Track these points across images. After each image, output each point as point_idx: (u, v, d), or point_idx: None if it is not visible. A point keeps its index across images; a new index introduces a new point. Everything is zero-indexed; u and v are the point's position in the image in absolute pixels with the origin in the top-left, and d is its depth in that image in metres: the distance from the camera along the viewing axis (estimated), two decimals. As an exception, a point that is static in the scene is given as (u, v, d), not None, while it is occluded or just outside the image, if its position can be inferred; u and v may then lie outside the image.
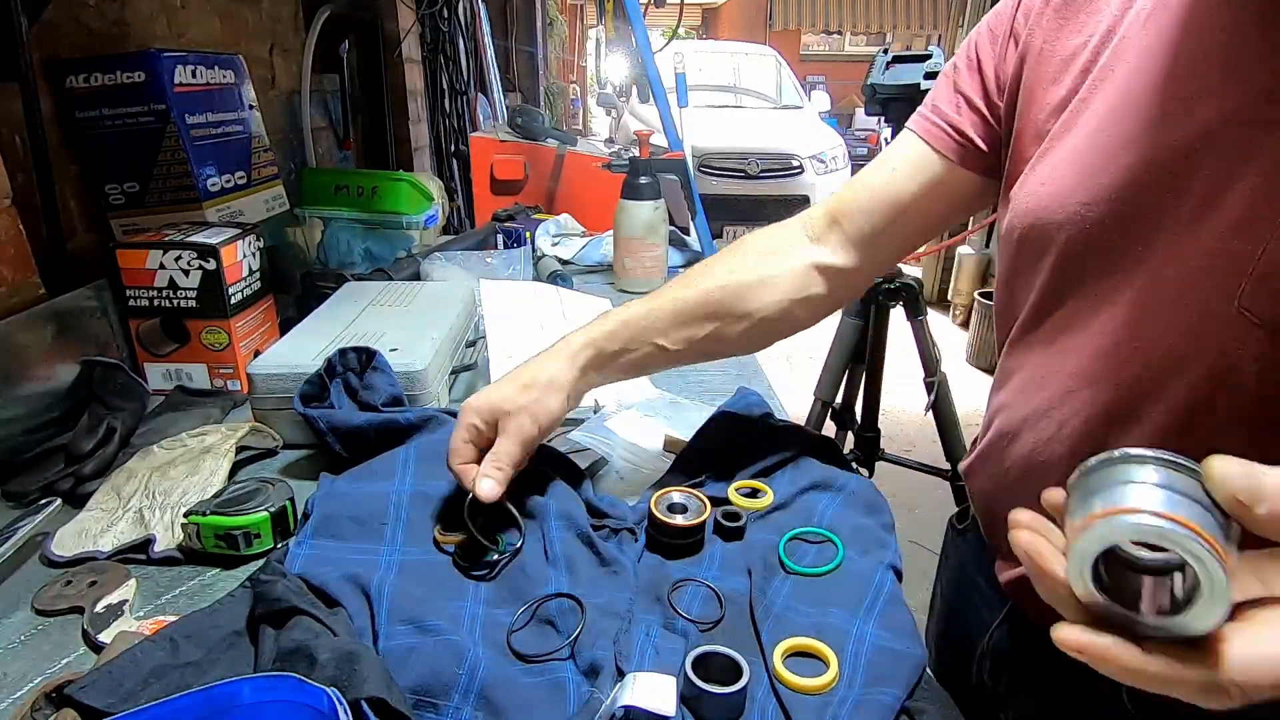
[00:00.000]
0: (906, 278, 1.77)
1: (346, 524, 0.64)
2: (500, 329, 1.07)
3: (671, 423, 0.88)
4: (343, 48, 1.98)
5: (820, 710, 0.50)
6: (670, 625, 0.57)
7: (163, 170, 1.10)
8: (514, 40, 4.28)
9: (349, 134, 2.03)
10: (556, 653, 0.54)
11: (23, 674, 0.55)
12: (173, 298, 0.96)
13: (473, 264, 1.39)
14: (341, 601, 0.55)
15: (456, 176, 2.62)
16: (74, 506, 0.73)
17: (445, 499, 0.68)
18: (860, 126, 10.46)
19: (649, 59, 1.80)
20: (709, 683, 0.49)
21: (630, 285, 1.45)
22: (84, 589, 0.61)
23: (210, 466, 0.76)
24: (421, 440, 0.74)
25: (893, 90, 1.57)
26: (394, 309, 1.04)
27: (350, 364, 0.82)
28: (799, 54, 13.47)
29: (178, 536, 0.67)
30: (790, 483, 0.73)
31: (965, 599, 0.76)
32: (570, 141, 1.99)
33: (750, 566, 0.62)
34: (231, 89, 1.24)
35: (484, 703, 0.48)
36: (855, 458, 1.93)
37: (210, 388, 1.00)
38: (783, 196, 5.38)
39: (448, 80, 2.58)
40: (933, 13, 12.84)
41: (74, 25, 1.07)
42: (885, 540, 0.66)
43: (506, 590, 0.60)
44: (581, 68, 11.47)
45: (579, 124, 10.05)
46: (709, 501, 0.68)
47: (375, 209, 1.61)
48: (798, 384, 3.24)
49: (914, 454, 2.30)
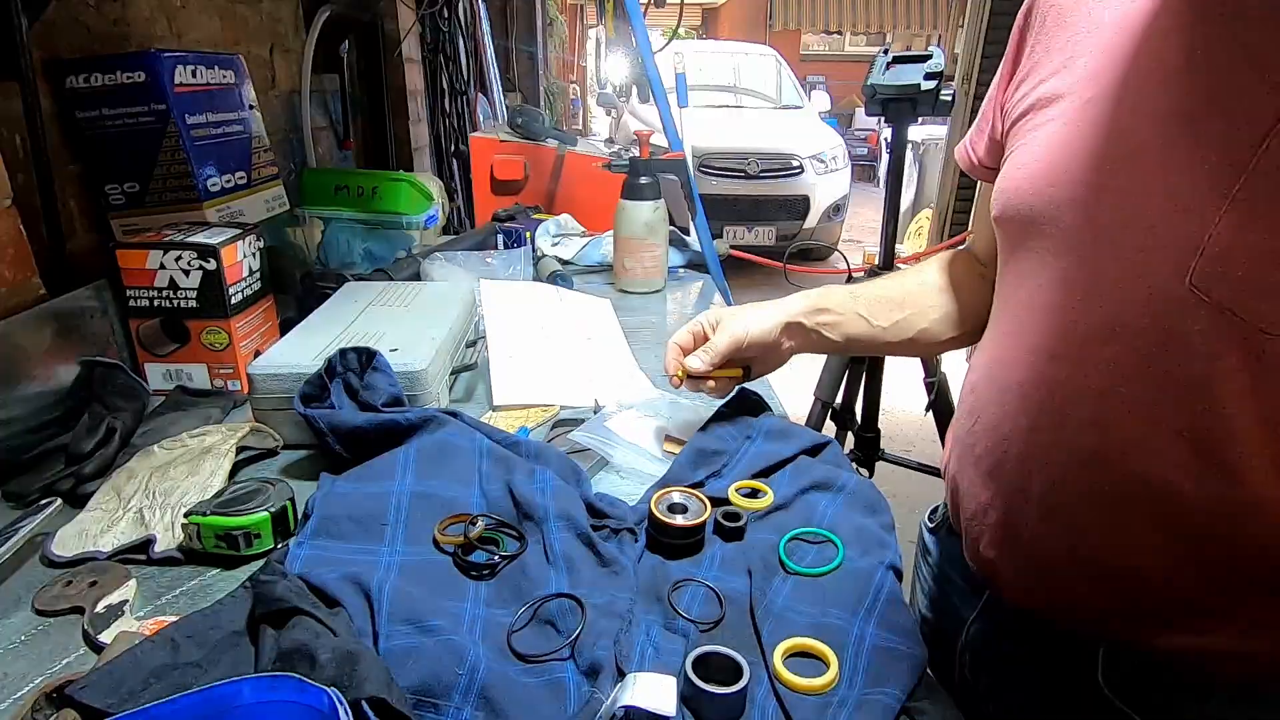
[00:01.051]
0: (906, 278, 1.77)
1: (347, 524, 0.64)
2: (500, 329, 1.07)
3: (671, 423, 0.88)
4: (343, 48, 1.98)
5: (820, 710, 0.50)
6: (670, 625, 0.57)
7: (163, 170, 1.10)
8: (514, 40, 4.28)
9: (349, 134, 2.03)
10: (556, 653, 0.54)
11: (23, 674, 0.54)
12: (173, 298, 0.96)
13: (473, 264, 1.39)
14: (342, 602, 0.55)
15: (456, 176, 2.62)
16: (74, 507, 0.73)
17: (446, 499, 0.68)
18: (860, 126, 10.46)
19: (649, 59, 1.80)
20: (709, 683, 0.49)
21: (630, 285, 1.45)
22: (84, 589, 0.61)
23: (210, 467, 0.76)
24: (421, 440, 0.74)
25: (893, 91, 1.56)
26: (394, 309, 1.04)
27: (350, 364, 0.82)
28: (799, 54, 13.47)
29: (178, 537, 0.67)
30: (790, 483, 0.73)
31: (944, 597, 0.77)
32: (570, 141, 1.99)
33: (750, 566, 0.62)
34: (231, 89, 1.24)
35: (484, 703, 0.48)
36: (855, 458, 1.93)
37: (210, 388, 1.00)
38: (783, 197, 5.38)
39: (448, 80, 2.58)
40: (933, 13, 12.84)
41: (74, 25, 1.07)
42: (885, 540, 0.66)
43: (506, 590, 0.60)
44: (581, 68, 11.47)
45: (579, 124, 10.04)
46: (709, 501, 0.68)
47: (375, 209, 1.61)
48: (798, 384, 3.24)
49: (914, 454, 2.30)
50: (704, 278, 1.62)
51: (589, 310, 1.25)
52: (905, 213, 5.42)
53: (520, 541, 0.65)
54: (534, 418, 0.89)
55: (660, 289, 1.49)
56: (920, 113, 1.59)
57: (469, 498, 0.69)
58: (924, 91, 1.54)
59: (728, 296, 1.53)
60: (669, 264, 1.54)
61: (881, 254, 1.87)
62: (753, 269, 3.49)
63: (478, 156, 1.95)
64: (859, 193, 7.17)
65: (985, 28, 4.05)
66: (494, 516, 0.67)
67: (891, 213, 1.82)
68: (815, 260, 5.75)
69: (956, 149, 0.76)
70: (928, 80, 1.54)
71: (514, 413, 0.91)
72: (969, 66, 4.17)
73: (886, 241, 1.85)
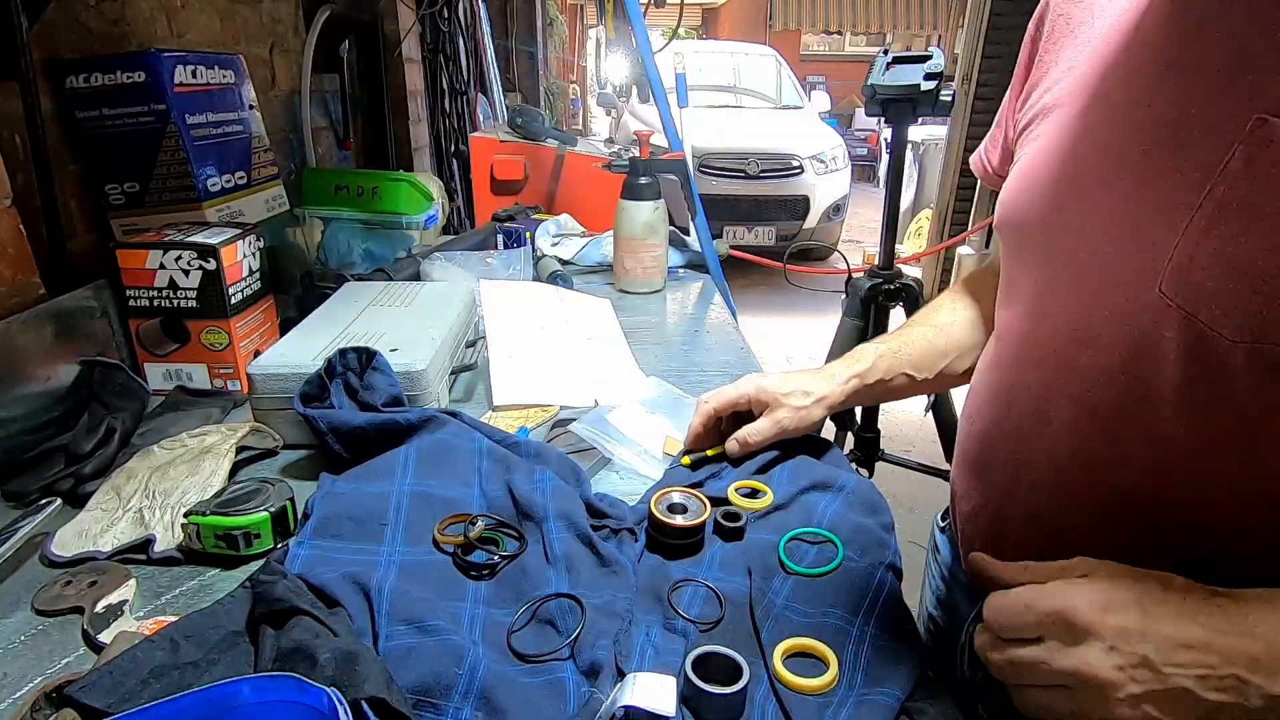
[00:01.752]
0: (906, 278, 1.77)
1: (346, 524, 0.64)
2: (500, 329, 1.07)
3: (674, 420, 0.88)
4: (343, 48, 1.98)
5: (820, 710, 0.50)
6: (670, 625, 0.57)
7: (163, 170, 1.10)
8: (514, 40, 4.28)
9: (349, 134, 2.03)
10: (556, 653, 0.54)
11: (23, 674, 0.55)
12: (173, 298, 0.96)
13: (473, 264, 1.39)
14: (341, 601, 0.55)
15: (456, 176, 2.62)
16: (74, 506, 0.73)
17: (445, 499, 0.68)
18: (860, 127, 10.46)
19: (649, 59, 1.80)
20: (709, 683, 0.49)
21: (630, 285, 1.45)
22: (84, 589, 0.61)
23: (210, 466, 0.76)
24: (421, 440, 0.74)
25: (893, 91, 1.56)
26: (394, 309, 1.04)
27: (350, 364, 0.82)
28: (799, 54, 13.46)
29: (178, 536, 0.67)
30: (790, 483, 0.73)
31: (951, 596, 0.78)
32: (570, 141, 1.99)
33: (750, 567, 0.62)
34: (231, 89, 1.24)
35: (484, 703, 0.48)
36: (855, 458, 1.93)
37: (210, 388, 1.00)
38: (783, 197, 5.37)
39: (448, 80, 2.58)
40: (933, 13, 12.84)
41: (74, 25, 1.07)
42: (885, 540, 0.66)
43: (506, 590, 0.60)
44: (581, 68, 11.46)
45: (579, 124, 10.04)
46: (709, 502, 0.68)
47: (375, 209, 1.61)
48: (798, 384, 3.24)
49: (914, 454, 2.30)
50: (704, 278, 1.62)
51: (589, 310, 1.25)
52: (905, 213, 5.42)
53: (520, 541, 0.65)
54: (534, 418, 0.89)
55: (660, 289, 1.49)
56: (920, 113, 1.59)
57: (469, 498, 0.69)
58: (924, 92, 1.54)
59: (727, 297, 1.53)
60: (669, 264, 1.54)
61: (881, 254, 1.87)
62: (753, 269, 3.49)
63: (478, 156, 1.95)
64: (859, 193, 7.17)
65: (985, 28, 4.05)
66: (494, 516, 0.67)
67: (891, 213, 1.82)
68: (815, 260, 5.75)
69: (972, 157, 0.76)
70: (928, 80, 1.54)
71: (514, 413, 0.91)
72: (969, 66, 4.17)
73: (886, 242, 1.85)
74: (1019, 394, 0.58)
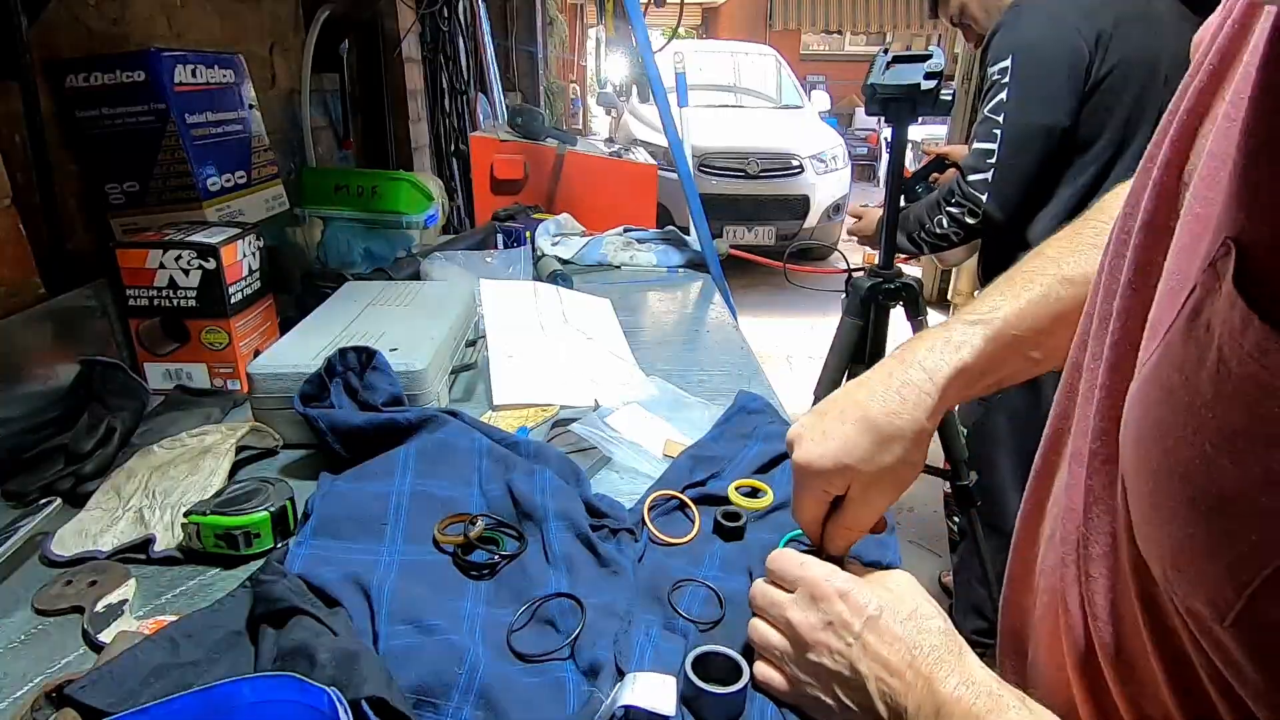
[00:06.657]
0: (907, 278, 1.77)
1: (346, 524, 0.64)
2: (500, 329, 1.07)
3: (674, 421, 0.88)
4: (343, 47, 1.98)
5: (820, 710, 0.50)
6: (670, 625, 0.57)
7: (163, 170, 1.10)
8: (514, 40, 4.27)
9: (349, 134, 2.03)
10: (556, 652, 0.54)
11: (23, 674, 0.54)
12: (173, 297, 0.96)
13: (473, 264, 1.39)
14: (341, 601, 0.55)
15: (456, 176, 2.62)
16: (74, 506, 0.73)
17: (445, 499, 0.68)
18: (860, 126, 10.46)
19: (649, 59, 1.79)
20: (709, 683, 0.49)
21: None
22: (84, 589, 0.61)
23: (210, 466, 0.76)
24: (421, 440, 0.74)
25: (893, 90, 1.56)
26: (394, 309, 1.04)
27: (350, 364, 0.82)
28: (799, 54, 13.45)
29: (178, 536, 0.67)
30: (790, 482, 0.73)
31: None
32: (570, 141, 1.99)
33: (750, 566, 0.62)
34: (231, 88, 1.24)
35: (484, 702, 0.48)
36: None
37: (210, 387, 1.00)
38: (783, 196, 5.37)
39: (448, 80, 2.57)
40: (933, 13, 12.81)
41: (74, 25, 1.07)
42: (885, 540, 0.66)
43: (506, 590, 0.60)
44: (581, 67, 11.46)
45: (579, 124, 10.03)
46: (709, 501, 0.68)
47: (375, 209, 1.60)
48: (798, 384, 3.24)
49: (914, 454, 2.29)
50: (704, 277, 1.62)
51: (589, 310, 1.25)
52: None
53: (520, 541, 0.65)
54: (534, 417, 0.89)
55: None
56: (920, 112, 1.58)
57: (468, 497, 0.69)
58: (924, 91, 1.54)
59: (727, 297, 1.53)
60: (669, 263, 1.54)
61: (881, 254, 1.87)
62: (753, 269, 3.48)
63: (478, 156, 1.95)
64: (859, 193, 7.17)
65: (985, 28, 4.05)
66: (494, 516, 0.67)
67: (891, 213, 1.82)
68: (815, 260, 5.74)
69: None
70: (928, 80, 1.53)
71: (514, 412, 0.91)
72: (969, 66, 4.16)
73: (886, 241, 1.85)
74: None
